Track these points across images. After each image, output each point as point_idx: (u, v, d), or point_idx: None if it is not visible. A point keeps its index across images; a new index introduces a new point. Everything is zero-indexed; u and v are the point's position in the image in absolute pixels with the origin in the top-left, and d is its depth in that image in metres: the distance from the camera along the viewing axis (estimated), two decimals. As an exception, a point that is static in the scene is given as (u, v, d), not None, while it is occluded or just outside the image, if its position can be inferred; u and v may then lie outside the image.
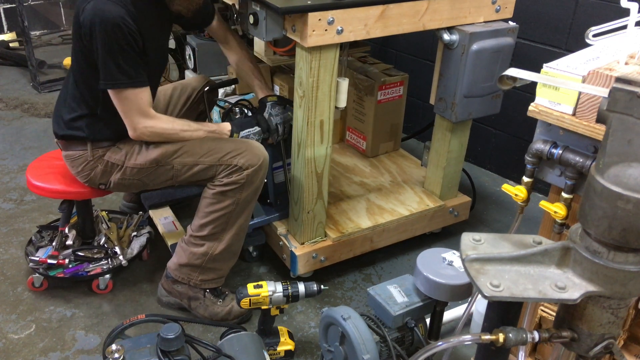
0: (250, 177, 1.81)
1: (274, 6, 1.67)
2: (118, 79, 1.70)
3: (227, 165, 1.80)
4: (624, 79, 0.86)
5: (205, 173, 1.83)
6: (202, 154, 1.82)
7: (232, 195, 1.82)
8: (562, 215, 1.28)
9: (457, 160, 2.27)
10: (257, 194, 1.88)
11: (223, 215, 1.84)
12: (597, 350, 0.99)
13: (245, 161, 1.80)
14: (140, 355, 1.36)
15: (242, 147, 1.83)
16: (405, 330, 1.55)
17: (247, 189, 1.83)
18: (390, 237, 2.23)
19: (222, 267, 1.95)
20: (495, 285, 0.92)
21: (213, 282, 1.95)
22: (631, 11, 1.24)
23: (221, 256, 1.91)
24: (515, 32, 2.01)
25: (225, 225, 1.86)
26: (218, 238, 1.88)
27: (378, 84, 2.50)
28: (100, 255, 2.10)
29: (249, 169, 1.80)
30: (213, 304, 1.96)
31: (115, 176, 1.88)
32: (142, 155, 1.85)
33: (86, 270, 2.05)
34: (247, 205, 1.87)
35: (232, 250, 1.93)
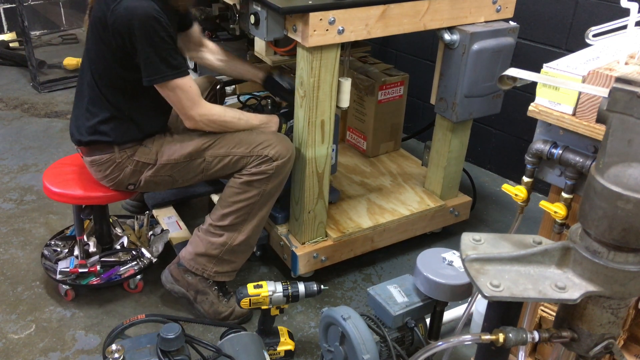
0: (278, 169, 1.83)
1: (275, 6, 1.67)
2: (164, 71, 1.70)
3: (257, 156, 1.82)
4: (624, 79, 0.86)
5: (236, 165, 1.84)
6: (234, 145, 1.84)
7: (259, 186, 1.83)
8: (562, 215, 1.28)
9: (458, 160, 2.28)
10: (281, 187, 1.90)
11: (247, 205, 1.85)
12: (597, 350, 0.99)
13: (275, 152, 1.82)
14: (140, 355, 1.36)
15: (273, 139, 1.85)
16: (405, 330, 1.55)
17: (273, 180, 1.84)
18: (391, 237, 2.24)
19: (237, 259, 1.94)
20: (495, 285, 0.92)
21: (226, 275, 1.95)
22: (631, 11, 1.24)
23: (239, 247, 1.91)
24: (515, 32, 2.01)
25: (247, 216, 1.87)
26: (238, 229, 1.88)
27: (378, 83, 2.50)
28: (128, 258, 2.11)
29: (278, 160, 1.82)
30: (219, 302, 1.95)
31: (146, 174, 1.87)
32: (174, 150, 1.86)
33: (119, 274, 2.06)
34: (271, 197, 1.88)
35: (250, 243, 1.94)
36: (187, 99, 1.76)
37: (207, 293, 1.94)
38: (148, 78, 1.70)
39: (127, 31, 1.64)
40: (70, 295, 2.04)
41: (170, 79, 1.71)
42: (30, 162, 2.90)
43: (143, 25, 1.63)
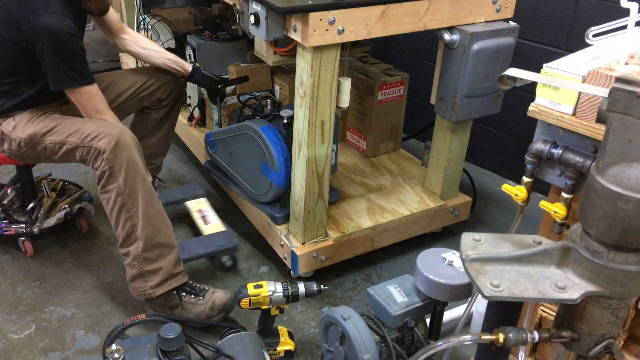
0: (112, 161, 1.78)
1: (275, 6, 1.67)
2: (74, 78, 1.83)
3: (89, 148, 1.83)
4: (624, 79, 0.86)
5: (74, 153, 1.88)
6: (70, 133, 1.87)
7: (112, 186, 1.80)
8: (562, 215, 1.27)
9: (458, 160, 2.28)
10: (138, 175, 1.81)
11: (119, 211, 1.81)
12: (597, 350, 0.99)
13: (102, 144, 1.80)
14: (140, 355, 1.36)
15: (103, 129, 1.83)
16: (405, 330, 1.55)
17: (119, 174, 1.79)
18: (391, 237, 2.24)
19: (161, 266, 1.85)
20: (495, 285, 0.92)
21: (166, 284, 1.87)
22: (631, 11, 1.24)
23: (149, 254, 1.83)
24: (515, 32, 2.01)
25: (130, 221, 1.82)
26: (134, 237, 1.83)
27: (378, 84, 2.50)
28: (22, 219, 2.23)
29: (105, 153, 1.79)
30: (194, 305, 1.90)
31: (5, 146, 1.98)
32: (21, 129, 1.93)
33: (4, 229, 2.20)
34: (135, 190, 1.80)
35: (157, 244, 1.84)
36: (93, 106, 1.90)
37: (177, 305, 1.91)
38: (57, 84, 1.83)
39: (40, 44, 1.76)
40: None
41: (79, 85, 1.84)
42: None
43: (58, 42, 1.75)
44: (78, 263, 2.24)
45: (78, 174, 2.79)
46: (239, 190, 2.33)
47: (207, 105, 2.77)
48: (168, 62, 2.29)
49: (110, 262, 2.25)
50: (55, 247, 2.31)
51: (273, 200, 2.18)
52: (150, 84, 2.26)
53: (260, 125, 2.08)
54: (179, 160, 2.99)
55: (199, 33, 2.89)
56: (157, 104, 2.32)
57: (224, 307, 1.92)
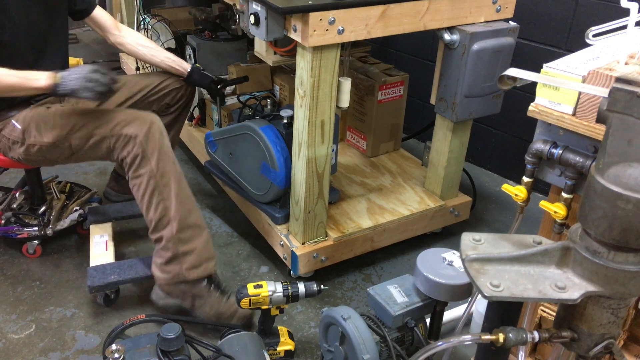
0: (145, 144, 1.80)
1: (275, 6, 1.67)
2: None
3: (118, 136, 1.81)
4: (624, 79, 0.86)
5: (101, 145, 1.85)
6: (96, 125, 1.84)
7: (144, 170, 1.81)
8: (562, 215, 1.27)
9: (458, 160, 2.28)
10: (169, 158, 1.84)
11: (151, 195, 1.82)
12: (597, 350, 0.99)
13: (133, 130, 1.80)
14: (140, 355, 1.36)
15: (131, 116, 1.84)
16: (405, 330, 1.55)
17: (152, 158, 1.81)
18: (391, 237, 2.24)
19: (195, 246, 1.86)
20: (495, 285, 0.92)
21: (201, 268, 1.87)
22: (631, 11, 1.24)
23: (183, 235, 1.84)
24: (515, 32, 2.01)
25: (162, 204, 1.82)
26: (167, 220, 1.83)
27: (378, 83, 2.50)
28: (35, 222, 2.22)
29: (138, 137, 1.79)
30: (219, 303, 1.89)
31: (19, 151, 1.92)
32: (39, 133, 1.87)
33: (16, 233, 2.19)
34: (166, 173, 1.82)
35: (190, 224, 1.85)
36: None
37: (203, 296, 1.89)
38: None
39: None
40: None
41: None
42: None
43: None
44: (78, 263, 2.24)
45: (78, 174, 2.79)
46: (239, 190, 2.33)
47: (207, 105, 2.77)
48: (166, 60, 2.28)
49: (110, 262, 2.25)
50: (55, 247, 2.31)
51: (273, 200, 2.18)
52: (161, 87, 2.25)
53: (260, 125, 2.08)
54: (179, 160, 2.95)
55: (199, 33, 2.90)
56: (165, 110, 2.31)
57: (244, 318, 1.90)
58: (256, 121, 2.12)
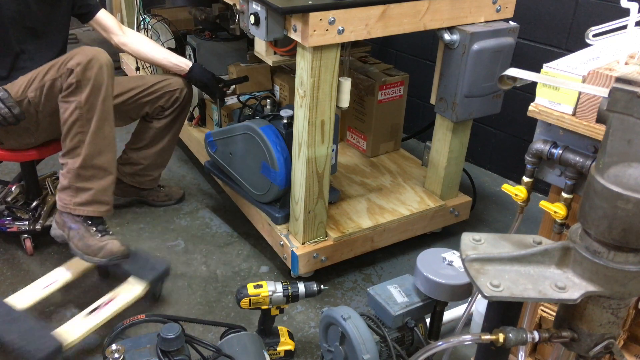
0: (80, 75, 1.80)
1: (275, 6, 1.67)
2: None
3: (63, 74, 1.83)
4: (624, 79, 0.86)
5: (53, 90, 1.86)
6: (45, 71, 1.87)
7: (73, 99, 1.83)
8: (562, 215, 1.28)
9: (458, 160, 2.28)
10: (104, 95, 1.85)
11: (72, 123, 1.84)
12: (597, 350, 0.99)
13: (74, 62, 1.81)
14: (140, 355, 1.36)
15: (75, 51, 1.84)
16: (405, 330, 1.55)
17: (84, 89, 1.81)
18: (391, 237, 2.24)
19: (91, 186, 1.90)
20: (495, 285, 0.92)
21: (89, 206, 1.91)
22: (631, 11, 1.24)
23: (83, 171, 1.88)
24: (515, 32, 2.01)
25: (81, 136, 1.86)
26: (76, 152, 1.87)
27: (378, 83, 2.50)
28: (26, 217, 2.23)
29: (78, 66, 1.80)
30: (89, 236, 1.91)
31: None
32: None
33: (7, 226, 2.21)
34: (93, 109, 1.84)
35: (95, 165, 1.89)
36: None
37: (78, 228, 1.92)
38: None
39: None
40: None
41: None
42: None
43: None
44: (78, 263, 2.24)
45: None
46: (239, 190, 2.33)
47: (207, 105, 2.77)
48: (168, 57, 2.29)
49: (110, 262, 2.25)
50: (55, 247, 2.31)
51: (273, 201, 2.18)
52: (154, 90, 2.27)
53: (260, 125, 2.08)
54: (179, 160, 2.99)
55: (199, 33, 2.90)
56: (159, 113, 2.32)
57: (112, 255, 1.91)
58: (256, 121, 2.12)
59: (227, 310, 2.04)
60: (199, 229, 2.46)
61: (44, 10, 2.01)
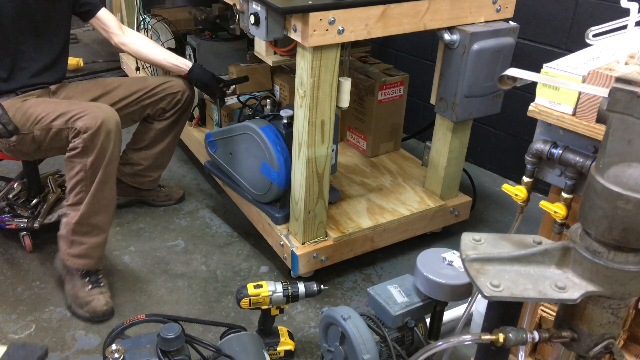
0: (87, 141, 1.82)
1: (275, 6, 1.67)
2: None
3: (70, 129, 1.85)
4: (624, 79, 0.86)
5: (60, 137, 1.89)
6: (54, 117, 1.88)
7: (78, 162, 1.85)
8: (562, 215, 1.28)
9: (458, 160, 2.28)
10: (108, 160, 1.87)
11: (77, 182, 1.88)
12: (597, 350, 0.99)
13: (83, 124, 1.82)
14: (140, 355, 1.36)
15: (86, 110, 1.85)
16: (405, 330, 1.55)
17: (90, 154, 1.84)
18: (391, 237, 2.24)
19: (85, 242, 1.94)
20: (495, 285, 0.92)
21: (80, 260, 1.96)
22: (631, 11, 1.24)
23: (79, 227, 1.92)
24: (515, 32, 2.01)
25: (83, 194, 1.89)
26: (77, 207, 1.91)
27: (378, 83, 2.50)
28: (25, 214, 2.25)
29: (86, 133, 1.81)
30: (80, 286, 1.98)
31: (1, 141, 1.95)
32: None
33: (6, 223, 2.22)
34: (96, 171, 1.86)
35: (91, 223, 1.92)
36: None
37: (72, 274, 1.99)
38: None
39: None
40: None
41: None
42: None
43: None
44: (78, 263, 2.24)
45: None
46: (239, 190, 2.33)
47: (207, 105, 2.77)
48: (168, 57, 2.29)
49: (110, 262, 2.25)
50: (55, 246, 2.31)
51: (273, 201, 2.18)
52: (156, 92, 2.26)
53: (260, 125, 2.08)
54: (179, 160, 2.99)
55: (199, 33, 2.89)
56: (161, 114, 2.32)
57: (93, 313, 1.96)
58: (256, 121, 2.12)
59: (227, 310, 2.04)
60: (199, 229, 2.47)
61: (43, 8, 2.01)
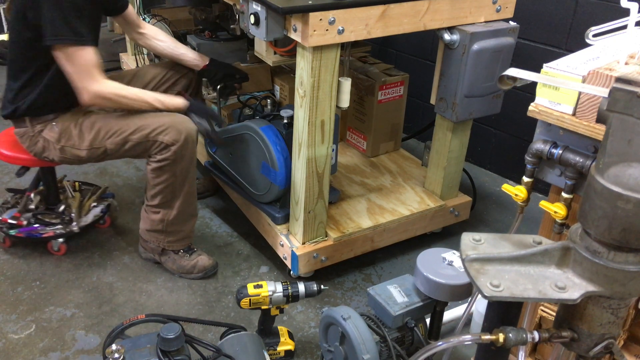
0: (177, 153, 1.93)
1: (275, 6, 1.67)
2: (64, 34, 1.72)
3: (154, 142, 1.92)
4: (624, 79, 0.86)
5: (137, 149, 1.95)
6: (131, 131, 1.92)
7: (168, 170, 1.96)
8: (562, 215, 1.27)
9: (458, 160, 2.28)
10: (192, 163, 2.03)
11: (166, 187, 2.00)
12: (597, 350, 0.99)
13: (169, 138, 1.91)
14: (140, 355, 1.36)
15: (167, 123, 1.92)
16: (405, 330, 1.55)
17: (179, 163, 1.96)
18: (391, 237, 2.23)
19: (182, 229, 2.12)
20: (495, 285, 0.92)
21: (180, 243, 2.15)
22: (631, 11, 1.24)
23: (177, 220, 2.08)
24: (515, 32, 2.01)
25: (172, 194, 2.03)
26: (170, 206, 2.05)
27: (378, 83, 2.50)
28: (57, 221, 2.26)
29: (174, 145, 1.91)
30: (180, 258, 2.15)
31: (54, 153, 2.00)
32: (75, 139, 1.97)
33: (40, 232, 2.23)
34: (187, 175, 2.01)
35: (187, 213, 2.10)
36: (82, 71, 1.78)
37: (168, 254, 2.16)
38: (49, 38, 1.72)
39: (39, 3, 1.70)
40: (7, 242, 2.28)
41: (69, 43, 1.74)
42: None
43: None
44: (78, 263, 2.24)
45: (78, 174, 2.79)
46: (239, 190, 2.33)
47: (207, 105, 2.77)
48: (187, 52, 2.32)
49: (111, 262, 2.25)
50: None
51: (273, 201, 2.18)
52: (170, 75, 2.30)
53: (260, 125, 2.08)
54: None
55: (199, 33, 2.89)
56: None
57: (205, 270, 2.16)
58: (256, 121, 2.12)
59: (227, 310, 2.04)
60: (199, 229, 2.46)
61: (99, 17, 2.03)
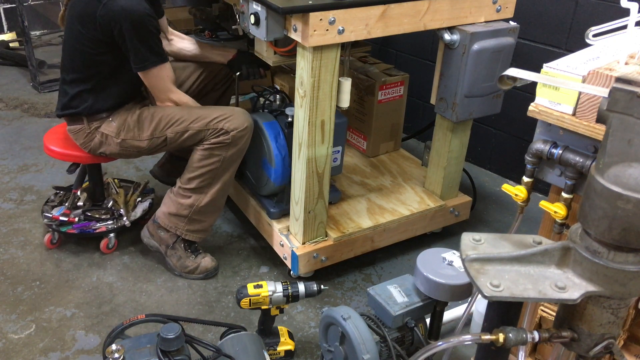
0: (235, 138, 2.00)
1: (275, 6, 1.67)
2: (149, 59, 1.92)
3: (214, 129, 1.99)
4: (624, 79, 0.86)
5: (195, 137, 2.01)
6: (192, 120, 2.01)
7: (219, 154, 2.01)
8: (562, 215, 1.27)
9: (458, 160, 2.28)
10: (241, 155, 2.07)
11: (210, 170, 2.03)
12: (597, 350, 0.99)
13: (230, 125, 1.99)
14: (140, 355, 1.36)
15: (229, 113, 2.01)
16: (405, 330, 1.55)
17: (232, 148, 2.01)
18: (391, 237, 2.24)
19: (206, 219, 2.13)
20: (495, 285, 0.92)
21: (197, 234, 2.15)
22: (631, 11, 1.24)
23: (206, 208, 2.09)
24: (515, 32, 2.01)
25: (211, 180, 2.05)
26: (204, 191, 2.07)
27: (379, 83, 2.50)
28: (107, 216, 2.31)
29: (235, 130, 1.99)
30: (186, 257, 2.16)
31: (112, 147, 2.08)
32: (135, 130, 2.05)
33: (93, 228, 2.27)
34: (232, 163, 2.06)
35: (217, 204, 2.12)
36: (162, 85, 2.02)
37: (176, 248, 2.16)
38: (137, 66, 1.93)
39: (118, 27, 1.85)
40: (48, 240, 2.28)
41: (153, 66, 1.94)
42: (30, 162, 2.91)
43: (136, 23, 1.84)
44: (78, 263, 2.24)
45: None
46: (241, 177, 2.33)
47: None
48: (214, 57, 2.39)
49: (111, 262, 2.25)
50: (55, 247, 2.31)
51: (270, 195, 2.19)
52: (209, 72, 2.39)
53: (264, 120, 2.09)
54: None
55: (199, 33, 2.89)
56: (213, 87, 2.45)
57: (206, 271, 2.17)
58: (262, 115, 2.14)
59: (227, 310, 2.04)
60: (199, 229, 2.46)
61: None
